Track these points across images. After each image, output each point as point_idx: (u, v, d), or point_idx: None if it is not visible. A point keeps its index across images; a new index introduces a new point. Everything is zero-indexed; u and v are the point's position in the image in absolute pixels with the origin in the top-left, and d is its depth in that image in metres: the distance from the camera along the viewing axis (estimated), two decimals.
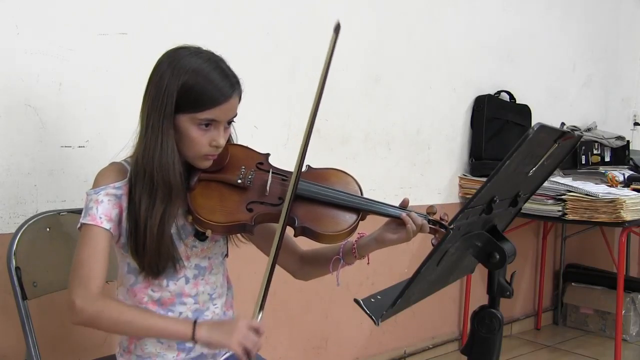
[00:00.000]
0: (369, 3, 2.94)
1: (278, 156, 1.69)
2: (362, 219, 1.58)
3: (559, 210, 3.18)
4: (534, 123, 2.41)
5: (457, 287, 3.50)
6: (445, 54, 3.31)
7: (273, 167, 1.61)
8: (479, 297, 3.04)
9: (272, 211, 1.53)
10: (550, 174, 1.55)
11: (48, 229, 1.81)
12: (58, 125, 2.01)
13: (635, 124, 4.68)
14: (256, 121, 2.50)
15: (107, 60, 2.11)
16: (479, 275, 3.30)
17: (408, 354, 3.30)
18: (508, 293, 1.37)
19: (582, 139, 3.87)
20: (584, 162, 3.89)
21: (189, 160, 1.52)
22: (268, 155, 1.64)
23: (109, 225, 1.48)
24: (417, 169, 3.24)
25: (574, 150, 3.69)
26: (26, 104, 1.94)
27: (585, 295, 3.99)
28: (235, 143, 1.65)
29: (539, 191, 1.71)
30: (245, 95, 1.54)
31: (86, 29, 2.05)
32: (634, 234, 3.76)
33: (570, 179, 3.38)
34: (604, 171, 3.64)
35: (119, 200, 1.49)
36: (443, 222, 1.59)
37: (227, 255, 1.69)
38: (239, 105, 1.52)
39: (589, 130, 4.05)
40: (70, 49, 2.02)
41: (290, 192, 1.49)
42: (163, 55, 1.51)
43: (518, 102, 3.65)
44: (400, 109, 3.12)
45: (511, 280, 1.39)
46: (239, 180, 1.55)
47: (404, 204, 1.61)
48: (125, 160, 1.55)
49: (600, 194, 3.09)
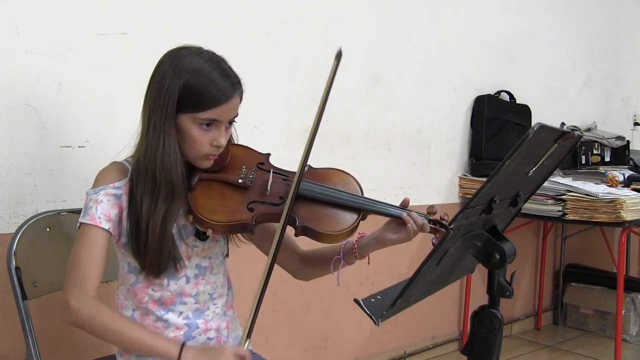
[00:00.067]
0: (369, 3, 2.94)
1: (278, 156, 1.69)
2: (363, 218, 1.58)
3: (559, 210, 3.18)
4: (534, 123, 2.40)
5: (457, 287, 3.50)
6: (445, 54, 3.30)
7: (274, 167, 1.61)
8: (479, 297, 3.04)
9: (273, 211, 1.53)
10: (550, 174, 1.55)
11: (48, 229, 1.80)
12: (58, 125, 2.01)
13: (635, 124, 4.68)
14: (256, 121, 2.50)
15: (107, 60, 2.11)
16: (479, 275, 3.30)
17: (408, 354, 3.30)
18: (508, 293, 1.37)
19: (582, 139, 3.87)
20: (584, 162, 3.89)
21: (189, 160, 1.52)
22: (269, 155, 1.64)
23: (107, 226, 1.48)
24: (417, 169, 3.23)
25: (574, 150, 3.69)
26: (26, 104, 1.94)
27: (585, 295, 3.99)
28: (236, 143, 1.65)
29: (539, 191, 1.71)
30: (245, 95, 1.54)
31: (86, 29, 2.05)
32: (634, 234, 3.76)
33: (570, 179, 3.38)
34: (604, 171, 3.64)
35: (119, 200, 1.49)
36: (443, 222, 1.59)
37: (228, 255, 1.69)
38: (240, 105, 1.53)
39: (589, 130, 4.05)
40: (70, 49, 2.02)
41: (292, 192, 1.49)
42: (164, 55, 1.51)
43: (518, 102, 3.65)
44: (400, 109, 3.12)
45: (511, 280, 1.38)
46: (240, 180, 1.55)
47: (405, 203, 1.61)
48: (126, 160, 1.55)
49: (600, 194, 3.09)
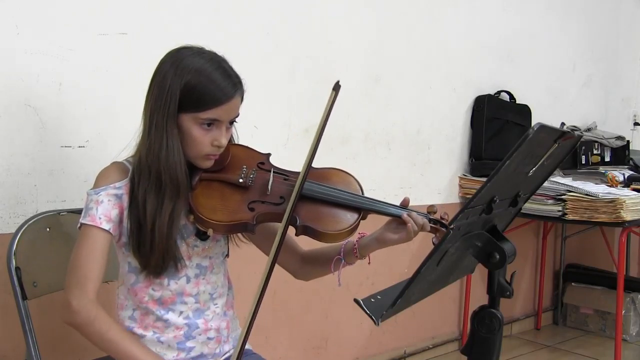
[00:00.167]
0: (369, 3, 2.94)
1: (278, 156, 1.69)
2: (363, 218, 1.58)
3: (559, 210, 3.18)
4: (534, 123, 2.40)
5: (457, 287, 3.50)
6: (445, 54, 3.30)
7: (274, 167, 1.61)
8: (479, 297, 3.05)
9: (274, 210, 1.53)
10: (550, 174, 1.55)
11: (48, 229, 1.80)
12: (58, 125, 2.01)
13: (635, 124, 4.68)
14: (256, 121, 2.49)
15: (107, 60, 2.11)
16: (479, 275, 3.30)
17: (408, 354, 3.30)
18: (508, 293, 1.37)
19: (582, 139, 3.87)
20: (584, 162, 3.89)
21: (190, 159, 1.52)
22: (269, 155, 1.64)
23: (108, 226, 1.48)
24: (417, 169, 3.23)
25: (574, 150, 3.69)
26: (26, 104, 1.94)
27: (585, 295, 3.99)
28: (236, 143, 1.65)
29: (539, 191, 1.71)
30: (245, 95, 1.54)
31: (86, 29, 2.05)
32: (634, 234, 3.76)
33: (570, 179, 3.38)
34: (604, 171, 3.64)
35: (120, 200, 1.49)
36: (443, 222, 1.59)
37: (228, 255, 1.69)
38: (241, 105, 1.53)
39: (589, 130, 4.05)
40: (70, 49, 2.02)
41: (295, 193, 1.49)
42: (166, 55, 1.51)
43: (518, 102, 3.65)
44: (400, 109, 3.12)
45: (511, 280, 1.38)
46: (241, 180, 1.55)
47: (405, 203, 1.61)
48: (126, 160, 1.55)
49: (600, 194, 3.09)
